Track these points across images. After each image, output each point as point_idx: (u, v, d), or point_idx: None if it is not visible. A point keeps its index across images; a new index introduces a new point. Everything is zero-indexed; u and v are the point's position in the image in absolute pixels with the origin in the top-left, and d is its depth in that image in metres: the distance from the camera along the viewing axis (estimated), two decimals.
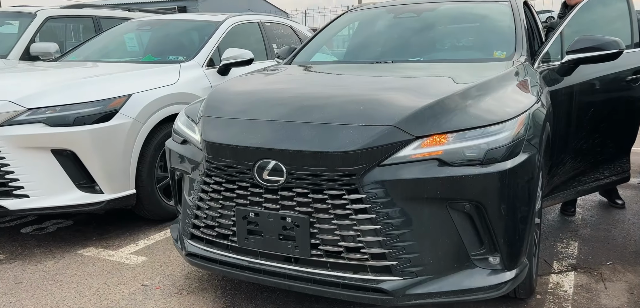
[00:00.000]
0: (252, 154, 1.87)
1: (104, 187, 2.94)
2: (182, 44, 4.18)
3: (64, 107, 2.84)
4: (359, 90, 2.15)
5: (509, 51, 2.62)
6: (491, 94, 2.07)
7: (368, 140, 1.77)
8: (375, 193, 1.76)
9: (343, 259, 1.83)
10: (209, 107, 2.19)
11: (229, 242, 2.01)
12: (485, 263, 1.87)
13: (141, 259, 2.75)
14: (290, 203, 1.86)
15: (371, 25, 3.44)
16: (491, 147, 1.80)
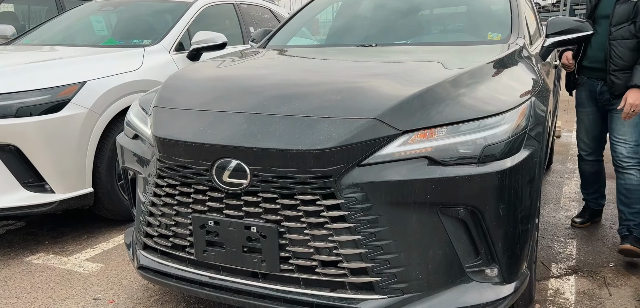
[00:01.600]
0: (210, 152, 1.58)
1: (55, 186, 2.62)
2: (148, 26, 3.83)
3: (5, 96, 2.51)
4: (337, 78, 1.87)
5: (504, 33, 2.36)
6: (487, 81, 1.81)
7: (346, 136, 1.50)
8: (354, 198, 1.50)
9: (318, 275, 1.57)
10: (162, 97, 1.89)
11: (185, 254, 1.73)
12: (482, 276, 1.63)
13: (96, 267, 2.46)
14: (256, 210, 1.58)
15: (355, 5, 3.15)
16: (489, 143, 1.54)
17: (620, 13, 2.37)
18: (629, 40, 2.35)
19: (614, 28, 2.38)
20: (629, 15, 2.34)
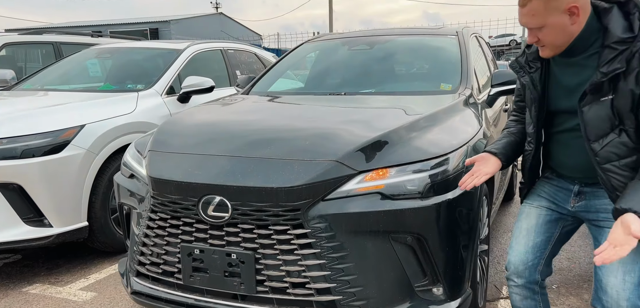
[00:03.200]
0: (197, 189, 1.87)
1: (53, 221, 2.86)
2: (142, 72, 4.14)
3: (11, 139, 2.76)
4: (307, 124, 2.18)
5: (454, 83, 2.72)
6: (434, 127, 2.14)
7: (312, 175, 1.79)
8: (319, 228, 1.78)
9: (289, 295, 1.83)
10: (156, 141, 2.18)
11: (174, 279, 1.98)
12: (429, 294, 1.91)
13: (90, 295, 2.67)
14: (236, 239, 1.85)
15: (328, 56, 3.51)
16: (431, 181, 1.85)
17: (594, 121, 1.44)
18: (628, 159, 1.43)
19: (597, 145, 1.45)
20: (611, 121, 1.42)
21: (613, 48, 1.39)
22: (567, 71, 1.54)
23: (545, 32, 1.45)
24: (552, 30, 1.44)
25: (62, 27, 31.41)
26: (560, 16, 1.42)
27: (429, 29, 3.78)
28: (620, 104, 1.39)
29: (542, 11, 1.41)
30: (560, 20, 1.42)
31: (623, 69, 1.36)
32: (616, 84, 1.39)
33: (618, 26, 1.41)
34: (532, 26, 1.45)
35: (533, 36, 1.48)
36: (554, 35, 1.45)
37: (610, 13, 1.43)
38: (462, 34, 3.21)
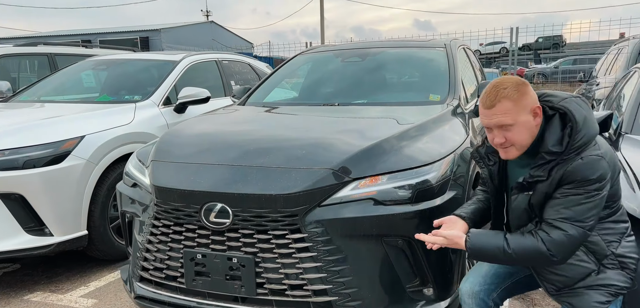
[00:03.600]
0: (200, 197, 1.96)
1: (54, 230, 2.92)
2: (138, 83, 4.22)
3: (13, 151, 2.83)
4: (303, 134, 2.29)
5: (443, 94, 2.85)
6: (423, 136, 2.26)
7: (309, 182, 1.90)
8: (316, 232, 1.88)
9: (287, 296, 1.93)
10: (158, 151, 2.27)
11: (177, 283, 2.07)
12: (420, 295, 2.02)
13: (91, 302, 2.74)
14: (236, 244, 1.95)
15: (321, 68, 3.63)
16: (420, 187, 1.97)
17: (516, 211, 1.63)
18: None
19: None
20: (528, 214, 1.59)
21: (543, 157, 1.51)
22: (516, 167, 1.65)
23: (514, 131, 1.50)
24: (521, 129, 1.50)
25: (50, 35, 31.21)
26: (527, 116, 1.50)
27: (419, 41, 3.92)
28: (535, 200, 1.54)
29: (513, 110, 1.48)
30: (527, 119, 1.50)
31: (544, 178, 1.50)
32: (536, 186, 1.53)
33: (552, 137, 1.50)
34: (505, 124, 1.49)
35: (501, 137, 1.52)
36: (522, 135, 1.51)
37: (551, 122, 1.53)
38: (450, 46, 3.35)
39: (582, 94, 8.00)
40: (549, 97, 1.58)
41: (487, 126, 1.56)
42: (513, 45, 8.54)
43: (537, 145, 1.54)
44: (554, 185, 1.50)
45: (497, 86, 1.53)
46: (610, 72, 6.85)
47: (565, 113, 1.52)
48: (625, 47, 6.69)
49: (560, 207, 1.48)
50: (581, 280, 1.57)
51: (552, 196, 1.51)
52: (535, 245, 1.48)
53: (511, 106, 1.49)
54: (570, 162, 1.47)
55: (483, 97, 1.56)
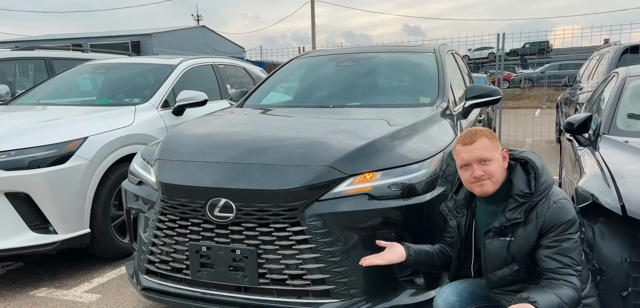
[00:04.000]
0: (205, 193, 2.08)
1: (58, 228, 3.01)
2: (137, 86, 4.32)
3: (18, 151, 2.92)
4: (301, 134, 2.42)
5: (432, 97, 3.01)
6: (414, 136, 2.41)
7: (307, 178, 2.03)
8: (315, 225, 2.01)
9: (288, 286, 2.05)
10: (164, 150, 2.39)
11: (182, 275, 2.19)
12: (411, 284, 2.16)
13: (95, 297, 2.83)
14: (240, 237, 2.07)
15: (315, 71, 3.78)
16: (411, 183, 2.11)
17: (492, 255, 1.74)
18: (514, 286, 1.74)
19: (492, 275, 1.77)
20: (505, 259, 1.71)
21: (515, 199, 1.69)
22: (484, 216, 1.81)
23: (491, 165, 1.69)
24: (497, 164, 1.70)
25: (40, 40, 30.97)
26: (499, 155, 1.72)
27: (409, 47, 4.09)
28: (516, 247, 1.68)
29: (490, 146, 1.71)
30: (500, 158, 1.72)
31: (522, 220, 1.66)
32: (515, 231, 1.68)
33: (521, 181, 1.71)
34: (484, 157, 1.69)
35: (480, 170, 1.69)
36: (497, 169, 1.70)
37: (515, 169, 1.74)
38: (439, 51, 3.51)
39: (567, 98, 8.24)
40: (509, 150, 1.79)
41: (467, 162, 1.72)
42: (500, 50, 8.76)
43: (504, 190, 1.73)
44: (536, 232, 1.65)
45: (475, 129, 1.77)
46: (593, 77, 7.09)
47: (526, 162, 1.74)
48: (607, 52, 6.94)
49: (560, 255, 1.62)
50: None
51: (541, 245, 1.65)
52: (575, 294, 1.60)
53: (489, 143, 1.72)
54: (543, 207, 1.65)
55: (462, 137, 1.76)
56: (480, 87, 3.12)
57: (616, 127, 2.99)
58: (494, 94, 3.08)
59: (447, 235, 1.98)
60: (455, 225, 1.87)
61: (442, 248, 1.97)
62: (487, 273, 1.79)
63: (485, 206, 1.81)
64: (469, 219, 1.85)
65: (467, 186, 1.78)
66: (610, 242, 2.05)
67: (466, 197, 1.86)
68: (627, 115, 3.08)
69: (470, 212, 1.85)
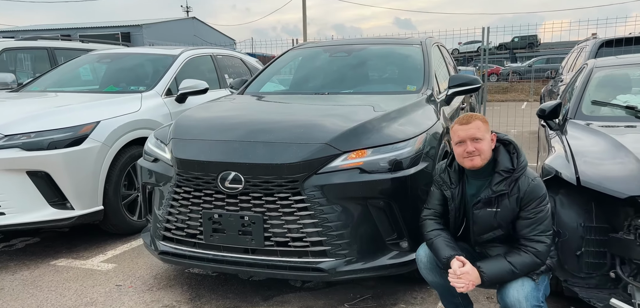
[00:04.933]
0: (217, 167, 2.37)
1: (75, 204, 3.27)
2: (141, 75, 4.56)
3: (38, 133, 3.17)
4: (301, 116, 2.72)
5: (418, 85, 3.32)
6: (401, 118, 2.72)
7: (307, 154, 2.33)
8: (314, 195, 2.31)
9: (290, 247, 2.35)
10: (177, 131, 2.66)
11: (196, 240, 2.47)
12: (397, 247, 2.47)
13: (111, 266, 3.11)
14: (248, 205, 2.36)
15: (311, 61, 4.06)
16: (398, 159, 2.42)
17: (480, 222, 2.06)
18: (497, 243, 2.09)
19: (479, 238, 2.11)
20: (491, 225, 2.04)
21: (500, 174, 2.01)
22: (472, 189, 2.10)
23: (482, 144, 2.01)
24: (486, 143, 2.02)
25: (29, 30, 30.70)
26: (489, 136, 2.04)
27: (398, 39, 4.39)
28: (501, 216, 2.01)
29: (483, 128, 2.02)
30: (489, 139, 2.04)
31: (507, 192, 1.99)
32: (501, 202, 2.00)
33: (505, 159, 2.04)
34: (477, 136, 2.00)
35: (472, 146, 2.00)
36: (486, 148, 2.01)
37: (499, 150, 2.06)
38: (425, 43, 3.82)
39: (550, 89, 8.63)
40: (495, 132, 2.13)
41: (463, 138, 2.03)
42: (485, 44, 9.12)
43: (489, 167, 2.05)
44: (517, 204, 1.98)
45: (471, 113, 2.10)
46: (572, 69, 7.47)
47: (509, 142, 2.08)
48: (586, 46, 7.32)
49: (535, 224, 1.97)
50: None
51: (521, 217, 1.99)
52: (532, 259, 1.95)
53: (482, 125, 2.04)
54: (524, 181, 1.99)
55: (460, 118, 2.08)
56: (462, 76, 3.43)
57: (581, 113, 3.33)
58: (474, 82, 3.40)
59: (438, 203, 2.22)
60: (450, 196, 2.16)
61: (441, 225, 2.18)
62: (474, 236, 2.12)
63: (473, 180, 2.11)
64: (460, 191, 2.15)
65: (459, 160, 2.08)
66: (568, 210, 2.39)
67: (456, 172, 2.16)
68: (591, 102, 3.42)
69: (461, 185, 2.15)
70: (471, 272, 1.93)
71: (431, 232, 2.13)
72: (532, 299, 1.95)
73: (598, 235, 2.34)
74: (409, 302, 2.61)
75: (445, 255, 2.02)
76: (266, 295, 2.68)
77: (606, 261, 2.32)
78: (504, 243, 2.09)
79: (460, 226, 2.20)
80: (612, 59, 4.26)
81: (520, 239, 2.01)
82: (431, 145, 2.62)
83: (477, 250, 2.17)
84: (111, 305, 2.58)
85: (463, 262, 1.96)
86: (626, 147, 2.52)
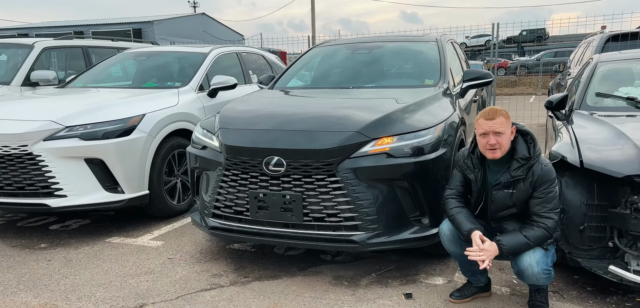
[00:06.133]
0: (262, 152, 2.71)
1: (125, 188, 3.64)
2: (176, 72, 4.92)
3: (94, 125, 3.54)
4: (333, 108, 3.04)
5: (435, 79, 3.63)
6: (422, 110, 3.04)
7: (341, 140, 2.66)
8: (346, 176, 2.64)
9: (326, 222, 2.69)
10: (223, 122, 3.01)
11: (243, 216, 2.82)
12: (419, 223, 2.80)
13: (160, 243, 3.47)
14: (289, 186, 2.70)
15: (332, 58, 4.39)
16: (420, 145, 2.74)
17: (497, 202, 2.40)
18: (510, 220, 2.43)
19: (495, 215, 2.44)
20: (507, 205, 2.37)
21: (518, 161, 2.32)
22: (491, 174, 2.42)
23: (503, 137, 2.29)
24: (506, 137, 2.31)
25: (42, 27, 31.29)
26: (509, 130, 2.33)
27: (414, 37, 4.70)
28: (517, 197, 2.33)
29: (505, 124, 2.30)
30: (509, 133, 2.33)
31: (523, 177, 2.31)
32: (516, 184, 2.32)
33: (522, 148, 2.34)
34: (499, 131, 2.28)
35: (494, 139, 2.29)
36: (506, 141, 2.31)
37: (517, 139, 2.37)
38: (441, 40, 4.13)
39: (558, 82, 8.86)
40: (515, 125, 2.43)
41: (486, 131, 2.32)
42: (495, 39, 9.37)
43: (507, 154, 2.36)
44: (531, 186, 2.30)
45: (495, 108, 2.36)
46: (580, 63, 7.71)
47: (527, 133, 2.40)
48: (593, 40, 7.55)
49: (545, 203, 2.29)
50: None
51: (534, 196, 2.30)
52: (543, 233, 2.27)
53: (504, 121, 2.32)
54: (537, 167, 2.31)
55: (485, 113, 2.36)
56: (475, 71, 3.74)
57: (586, 104, 3.63)
58: (487, 76, 3.71)
59: (459, 184, 2.54)
60: (474, 179, 2.48)
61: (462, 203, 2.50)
62: (491, 213, 2.45)
63: (493, 166, 2.43)
64: (482, 174, 2.47)
65: (482, 150, 2.39)
66: (573, 190, 2.70)
67: (478, 158, 2.47)
68: (595, 94, 3.71)
69: (482, 169, 2.47)
70: (490, 248, 2.25)
71: (453, 209, 2.46)
72: (542, 264, 2.28)
73: (599, 212, 2.64)
74: (429, 273, 2.94)
75: (467, 228, 2.35)
76: (301, 266, 3.03)
77: (606, 235, 2.63)
78: (516, 220, 2.41)
79: (478, 205, 2.52)
80: (616, 54, 4.52)
81: (533, 216, 2.33)
82: (449, 133, 2.94)
83: (492, 225, 2.50)
84: (167, 274, 2.94)
85: (483, 239, 2.28)
86: (626, 134, 2.82)
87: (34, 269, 3.02)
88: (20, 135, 3.40)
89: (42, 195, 3.44)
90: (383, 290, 2.72)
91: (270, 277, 2.90)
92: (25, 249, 3.38)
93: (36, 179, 3.43)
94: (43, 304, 2.57)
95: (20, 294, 2.70)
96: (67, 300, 2.62)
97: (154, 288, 2.75)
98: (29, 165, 3.42)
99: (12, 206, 3.49)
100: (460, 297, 2.58)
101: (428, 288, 2.74)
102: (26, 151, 3.41)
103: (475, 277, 2.59)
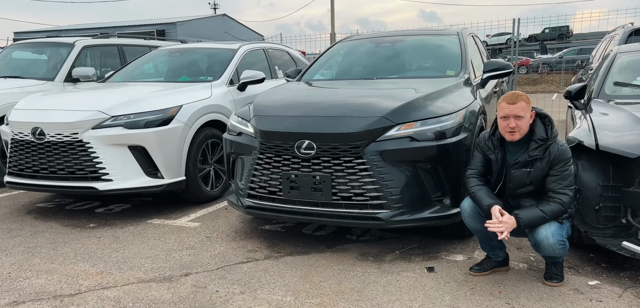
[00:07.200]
0: (294, 136, 2.93)
1: (165, 174, 3.92)
2: (208, 67, 5.21)
3: (136, 115, 3.83)
4: (359, 96, 3.25)
5: (457, 70, 3.80)
6: (444, 97, 3.22)
7: (367, 125, 2.86)
8: (373, 158, 2.84)
9: (353, 201, 2.90)
10: (257, 109, 3.25)
11: (276, 196, 3.05)
12: (440, 203, 2.98)
13: (197, 224, 3.74)
14: (318, 167, 2.92)
15: (357, 51, 4.59)
16: (442, 129, 2.92)
17: (516, 179, 2.56)
18: (527, 197, 2.58)
19: (514, 192, 2.60)
20: (525, 183, 2.54)
21: (536, 142, 2.48)
22: (510, 154, 2.58)
23: (522, 121, 2.45)
24: (526, 121, 2.47)
25: (69, 29, 32.40)
26: (529, 114, 2.48)
27: (436, 30, 4.87)
28: (534, 175, 2.49)
29: (525, 108, 2.46)
30: (529, 116, 2.48)
31: (540, 157, 2.47)
32: (534, 163, 2.49)
33: (540, 130, 2.50)
34: (519, 115, 2.43)
35: (514, 123, 2.45)
36: (526, 124, 2.47)
37: (536, 121, 2.52)
38: (462, 34, 4.29)
39: (579, 78, 8.85)
40: (534, 109, 2.58)
41: (507, 115, 2.48)
42: (515, 36, 9.40)
43: (526, 136, 2.52)
44: (548, 165, 2.46)
45: (517, 93, 2.51)
46: (602, 58, 7.71)
47: (545, 116, 2.56)
48: (616, 34, 7.54)
49: (561, 180, 2.45)
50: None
51: (550, 174, 2.46)
52: (559, 208, 2.44)
53: (525, 106, 2.50)
54: (554, 147, 2.48)
55: (508, 97, 2.51)
56: (495, 62, 3.89)
57: (604, 93, 3.74)
58: (506, 67, 3.85)
59: (480, 164, 2.70)
60: (494, 159, 2.65)
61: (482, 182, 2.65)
62: (509, 191, 2.60)
63: (512, 147, 2.59)
64: (502, 155, 2.63)
65: (502, 132, 2.56)
66: (589, 172, 2.84)
67: (498, 140, 2.63)
68: (614, 83, 3.82)
69: (502, 150, 2.63)
70: (508, 221, 2.42)
71: (474, 187, 2.63)
72: (557, 236, 2.44)
73: (614, 193, 2.78)
74: (450, 250, 3.12)
75: (487, 203, 2.52)
76: (329, 245, 3.24)
77: (620, 214, 2.76)
78: (532, 197, 2.57)
79: (498, 184, 2.69)
80: (636, 44, 4.60)
81: (549, 192, 2.48)
82: (470, 120, 3.11)
83: (510, 202, 2.66)
84: (207, 249, 3.20)
85: (502, 212, 2.45)
86: None
87: (87, 244, 3.32)
88: (72, 124, 3.72)
89: (91, 179, 3.75)
90: (406, 265, 2.91)
91: (301, 252, 3.12)
92: (76, 228, 3.69)
93: (85, 164, 3.74)
94: (100, 272, 2.86)
95: (79, 264, 2.99)
96: (120, 269, 2.90)
97: (196, 261, 3.01)
98: (80, 152, 3.74)
99: (64, 189, 3.82)
100: (480, 271, 2.75)
101: (449, 263, 2.92)
102: (77, 138, 3.72)
103: (494, 252, 2.76)
